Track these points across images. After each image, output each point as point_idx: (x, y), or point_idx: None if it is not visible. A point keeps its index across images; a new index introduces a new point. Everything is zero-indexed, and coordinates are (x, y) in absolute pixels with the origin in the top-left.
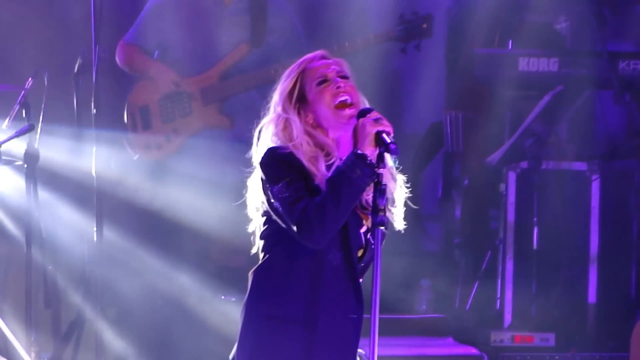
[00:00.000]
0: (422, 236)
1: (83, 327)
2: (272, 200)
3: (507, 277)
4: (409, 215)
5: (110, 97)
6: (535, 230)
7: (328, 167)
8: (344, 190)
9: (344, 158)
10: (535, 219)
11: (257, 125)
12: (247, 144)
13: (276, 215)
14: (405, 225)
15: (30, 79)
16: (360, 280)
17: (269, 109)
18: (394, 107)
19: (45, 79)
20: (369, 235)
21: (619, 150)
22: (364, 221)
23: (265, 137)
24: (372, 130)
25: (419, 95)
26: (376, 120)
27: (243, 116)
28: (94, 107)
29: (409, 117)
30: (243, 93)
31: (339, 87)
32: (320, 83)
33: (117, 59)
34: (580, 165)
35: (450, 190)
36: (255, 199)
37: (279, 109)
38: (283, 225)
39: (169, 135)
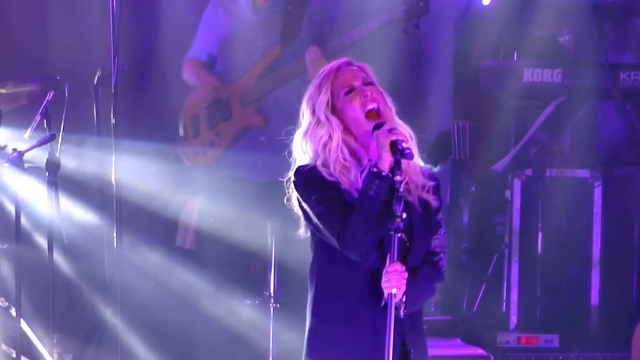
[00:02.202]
0: None
1: (104, 329)
2: (311, 217)
3: (512, 281)
4: None
5: (128, 108)
6: (540, 235)
7: (361, 172)
8: (366, 206)
9: (372, 160)
10: (539, 225)
11: (294, 131)
12: (282, 143)
13: (315, 229)
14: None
15: (51, 90)
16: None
17: (300, 118)
18: (402, 117)
19: (66, 90)
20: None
21: (620, 158)
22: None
23: (299, 150)
24: (386, 140)
25: (427, 106)
26: (390, 130)
27: (279, 114)
28: (113, 117)
29: (418, 125)
30: (277, 91)
31: (366, 96)
32: (347, 92)
33: (183, 74)
34: (583, 173)
35: (458, 197)
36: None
37: (322, 118)
38: (324, 239)
39: (212, 140)
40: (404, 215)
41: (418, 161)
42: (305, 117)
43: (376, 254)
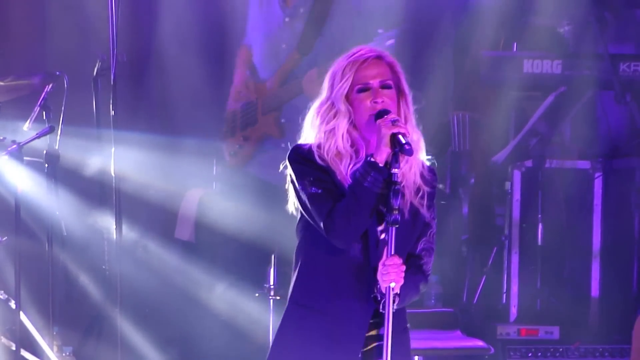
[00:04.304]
0: None
1: (104, 322)
2: (300, 195)
3: (512, 272)
4: None
5: (128, 99)
6: (540, 226)
7: (354, 164)
8: (359, 196)
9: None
10: (539, 216)
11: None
12: None
13: (303, 209)
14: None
15: (50, 83)
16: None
17: (320, 94)
18: None
19: (65, 82)
20: (382, 232)
21: (620, 149)
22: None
23: (308, 125)
24: (387, 132)
25: (427, 97)
26: (393, 122)
27: (298, 123)
28: (113, 109)
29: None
30: (297, 99)
31: (375, 103)
32: (360, 90)
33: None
34: (583, 164)
35: (458, 188)
36: (291, 194)
37: (336, 103)
38: (310, 220)
39: (241, 143)
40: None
41: (422, 158)
42: (323, 92)
43: (359, 245)
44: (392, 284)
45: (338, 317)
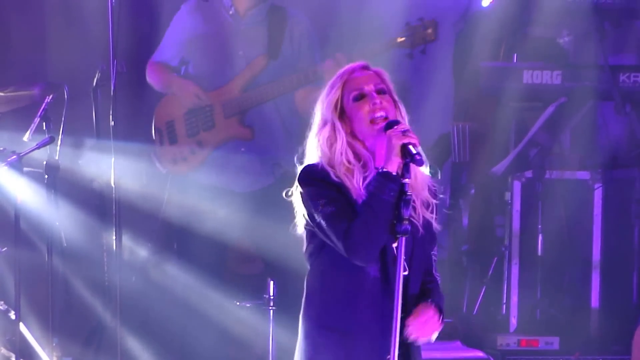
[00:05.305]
0: None
1: (103, 333)
2: (315, 217)
3: (512, 283)
4: None
5: (127, 110)
6: (540, 237)
7: (364, 178)
8: (378, 209)
9: (379, 166)
10: (539, 227)
11: (306, 138)
12: (265, 154)
13: (320, 231)
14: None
15: (50, 94)
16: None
17: (314, 117)
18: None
19: (65, 93)
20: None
21: (620, 159)
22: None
23: (311, 147)
24: (398, 142)
25: (427, 108)
26: (404, 132)
27: (262, 127)
28: (112, 119)
29: (417, 128)
30: (262, 105)
31: (374, 104)
32: (356, 98)
33: (147, 77)
34: (583, 174)
35: (458, 198)
36: (299, 216)
37: (328, 118)
38: (326, 241)
39: (193, 148)
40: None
41: (425, 171)
42: (316, 115)
43: (377, 265)
44: (434, 336)
45: (360, 334)
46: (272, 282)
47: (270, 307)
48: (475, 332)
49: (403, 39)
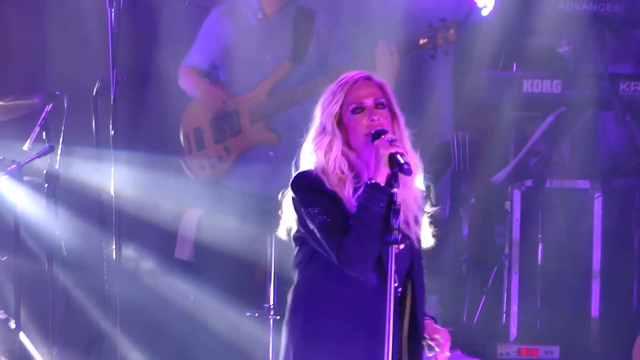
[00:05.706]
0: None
1: (103, 342)
2: (308, 225)
3: (512, 292)
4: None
5: (127, 119)
6: (540, 246)
7: (356, 189)
8: (369, 221)
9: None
10: (539, 236)
11: (303, 140)
12: (291, 159)
13: (312, 238)
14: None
15: (50, 103)
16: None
17: (312, 122)
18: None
19: (65, 102)
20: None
21: (620, 168)
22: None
23: (306, 153)
24: (385, 152)
25: (427, 117)
26: (390, 142)
27: (288, 132)
28: (112, 128)
29: (417, 138)
30: (288, 109)
31: (372, 120)
32: (355, 111)
33: (178, 81)
34: (583, 184)
35: (458, 208)
36: (288, 221)
37: (326, 126)
38: (319, 249)
39: (221, 154)
40: (402, 246)
41: (419, 183)
42: (315, 121)
43: (375, 274)
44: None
45: (356, 347)
46: (272, 291)
47: (271, 317)
48: (476, 341)
49: (425, 40)
